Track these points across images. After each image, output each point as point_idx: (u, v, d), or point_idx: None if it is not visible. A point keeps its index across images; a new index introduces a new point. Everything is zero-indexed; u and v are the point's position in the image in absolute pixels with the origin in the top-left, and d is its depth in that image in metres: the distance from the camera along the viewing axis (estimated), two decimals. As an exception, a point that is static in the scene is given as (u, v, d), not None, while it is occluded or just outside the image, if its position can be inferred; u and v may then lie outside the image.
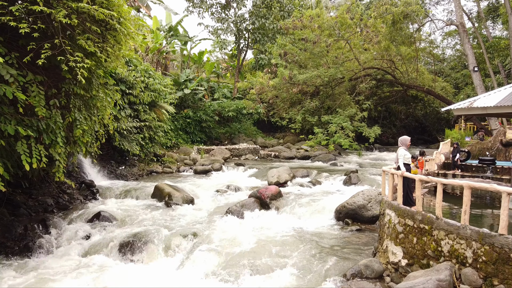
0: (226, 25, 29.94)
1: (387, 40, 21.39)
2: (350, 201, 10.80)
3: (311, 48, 21.94)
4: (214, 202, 12.77)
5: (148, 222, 10.04)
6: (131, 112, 17.03)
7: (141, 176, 16.81)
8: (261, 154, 25.14)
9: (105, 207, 11.34)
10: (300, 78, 22.20)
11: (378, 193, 10.99)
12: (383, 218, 7.43)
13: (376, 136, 21.39)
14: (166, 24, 29.06)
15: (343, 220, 10.63)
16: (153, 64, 26.68)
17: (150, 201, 12.62)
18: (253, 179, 17.11)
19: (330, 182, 15.88)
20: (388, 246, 6.91)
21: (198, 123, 26.75)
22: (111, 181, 14.95)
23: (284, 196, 12.71)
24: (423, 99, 34.28)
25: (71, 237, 9.03)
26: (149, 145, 18.58)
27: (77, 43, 5.93)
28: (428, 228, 5.90)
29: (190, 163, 20.72)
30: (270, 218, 10.88)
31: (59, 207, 10.80)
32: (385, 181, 7.93)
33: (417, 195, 6.17)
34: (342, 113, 22.01)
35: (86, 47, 5.90)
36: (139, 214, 10.90)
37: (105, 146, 16.28)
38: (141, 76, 17.25)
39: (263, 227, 9.93)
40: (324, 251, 7.99)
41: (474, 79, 19.89)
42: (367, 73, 24.16)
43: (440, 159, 13.53)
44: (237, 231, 9.49)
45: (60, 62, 6.05)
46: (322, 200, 12.21)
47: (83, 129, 7.43)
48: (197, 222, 10.25)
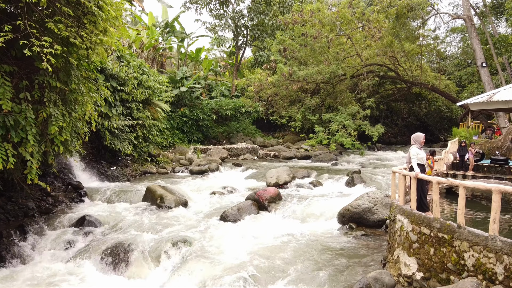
0: (224, 21, 29.13)
1: (390, 35, 20.60)
2: (354, 204, 10.06)
3: (311, 44, 21.13)
4: (209, 205, 12.01)
5: (137, 227, 9.27)
6: (124, 110, 16.26)
7: (133, 177, 16.05)
8: (260, 154, 24.39)
9: (91, 210, 10.57)
10: (300, 75, 21.37)
11: (385, 195, 10.25)
12: (393, 225, 6.67)
13: (380, 135, 20.61)
14: (162, 20, 28.26)
15: (347, 224, 9.89)
16: (148, 61, 25.92)
17: (141, 203, 11.86)
18: (251, 180, 16.35)
19: (331, 183, 15.15)
20: (400, 257, 6.16)
21: (195, 122, 25.96)
22: (101, 183, 14.19)
23: (283, 198, 11.97)
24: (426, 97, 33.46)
25: (51, 245, 8.27)
26: (143, 145, 17.82)
27: (46, 25, 5.17)
28: (448, 238, 5.15)
29: (186, 163, 19.96)
30: (268, 222, 10.12)
31: (41, 211, 10.03)
32: (395, 183, 7.16)
33: (435, 199, 5.41)
34: (344, 111, 21.20)
35: (56, 31, 5.13)
36: (128, 218, 10.14)
37: (95, 145, 15.55)
38: (134, 72, 16.48)
39: (261, 233, 9.18)
40: (327, 260, 7.25)
41: (482, 75, 19.10)
42: (369, 69, 23.33)
43: (448, 159, 12.78)
44: (233, 237, 8.74)
45: (32, 52, 5.30)
46: (324, 203, 11.47)
47: (60, 126, 6.66)
48: (189, 227, 9.49)
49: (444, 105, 34.34)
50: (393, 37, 20.55)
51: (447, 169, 12.29)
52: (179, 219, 10.28)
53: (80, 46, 5.82)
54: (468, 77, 38.27)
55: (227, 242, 8.28)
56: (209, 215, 10.81)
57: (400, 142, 37.84)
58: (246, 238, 8.65)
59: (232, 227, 9.62)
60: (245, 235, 8.96)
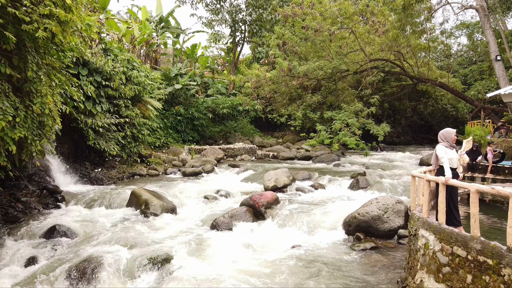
0: (221, 16, 27.90)
1: (396, 29, 19.39)
2: (362, 211, 8.89)
3: (312, 37, 19.90)
4: (200, 211, 10.83)
5: (115, 238, 8.08)
6: (110, 107, 15.09)
7: (120, 180, 14.86)
8: (258, 155, 23.22)
9: (66, 218, 9.39)
10: (300, 70, 20.13)
11: (396, 201, 9.08)
12: (414, 241, 5.49)
13: (386, 134, 19.41)
14: (157, 15, 27.06)
15: (353, 234, 8.74)
16: (141, 57, 24.75)
17: (124, 209, 10.68)
18: (248, 182, 15.18)
19: (334, 186, 13.99)
20: (425, 281, 4.98)
21: (190, 121, 24.76)
22: (83, 186, 13.00)
23: (282, 203, 10.79)
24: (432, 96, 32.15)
25: (9, 260, 7.09)
26: (132, 145, 16.64)
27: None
28: (493, 264, 3.98)
29: (179, 165, 18.79)
30: (264, 232, 8.95)
31: (7, 219, 8.86)
32: (415, 190, 5.98)
33: (473, 212, 4.24)
34: (347, 108, 19.97)
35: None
36: (106, 227, 8.97)
37: (79, 145, 14.39)
38: (122, 67, 15.29)
39: (256, 245, 8.02)
40: (333, 280, 6.08)
41: (497, 69, 17.90)
42: (374, 65, 22.08)
43: (464, 160, 11.61)
44: (222, 250, 7.57)
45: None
46: (327, 209, 10.29)
47: (9, 120, 5.48)
48: (175, 238, 8.33)
49: (450, 104, 33.11)
50: (399, 30, 19.36)
51: (464, 171, 11.12)
52: (164, 228, 9.11)
53: (23, 19, 4.64)
54: (473, 75, 37.14)
55: (215, 257, 7.12)
56: (199, 223, 9.65)
57: (403, 142, 36.68)
58: (237, 252, 7.48)
59: (223, 237, 8.45)
60: (236, 248, 7.80)
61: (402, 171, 17.94)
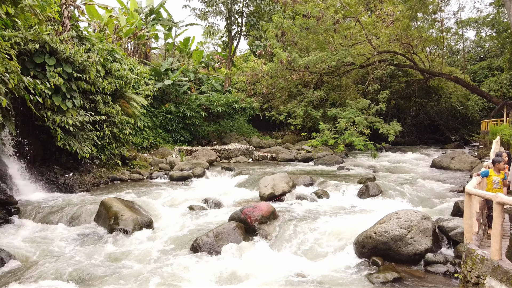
0: (215, 7, 26.03)
1: (406, 18, 17.62)
2: (379, 229, 7.11)
3: (314, 26, 18.10)
4: (181, 226, 9.00)
5: (62, 267, 6.26)
6: (86, 103, 13.29)
7: (96, 186, 13.04)
8: (256, 156, 21.41)
9: (12, 237, 7.60)
10: (301, 62, 18.29)
11: (422, 217, 7.29)
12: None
13: (397, 134, 17.60)
14: (147, 6, 25.25)
15: (368, 257, 7.00)
16: (129, 51, 22.94)
17: (90, 225, 8.88)
18: (242, 188, 13.35)
19: (340, 193, 12.21)
20: None
21: (181, 119, 22.92)
22: (49, 194, 11.17)
23: (279, 216, 8.99)
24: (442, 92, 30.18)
25: None
26: (113, 145, 14.84)
27: None
28: None
29: (167, 168, 16.98)
30: (257, 256, 7.12)
31: None
32: (470, 212, 4.15)
33: None
34: (353, 105, 18.16)
35: None
36: (58, 251, 7.16)
37: (48, 146, 12.58)
38: (99, 57, 13.47)
39: (246, 275, 6.24)
40: None
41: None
42: (382, 58, 20.27)
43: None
44: (203, 284, 5.80)
45: None
46: (333, 223, 8.50)
47: None
48: (142, 267, 6.53)
49: (459, 102, 31.27)
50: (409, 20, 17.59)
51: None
52: (133, 252, 7.29)
53: None
54: (482, 72, 35.40)
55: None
56: (178, 243, 7.86)
57: (408, 142, 34.86)
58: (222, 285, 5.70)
59: (204, 265, 6.66)
60: (221, 279, 6.02)
61: (414, 174, 16.23)
